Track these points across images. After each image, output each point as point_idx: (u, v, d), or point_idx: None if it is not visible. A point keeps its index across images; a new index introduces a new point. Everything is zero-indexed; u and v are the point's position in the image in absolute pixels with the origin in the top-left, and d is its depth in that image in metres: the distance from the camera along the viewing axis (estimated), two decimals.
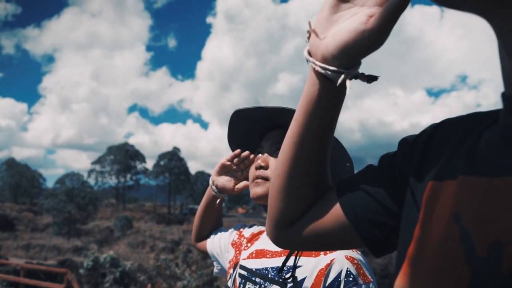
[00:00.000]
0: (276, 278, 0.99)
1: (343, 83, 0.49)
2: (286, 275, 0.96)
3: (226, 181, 1.21)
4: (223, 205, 1.34)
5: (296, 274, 0.95)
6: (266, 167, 1.08)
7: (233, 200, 57.57)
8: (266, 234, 0.71)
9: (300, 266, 0.96)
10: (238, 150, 1.18)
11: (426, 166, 0.46)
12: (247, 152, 1.17)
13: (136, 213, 44.44)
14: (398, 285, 0.42)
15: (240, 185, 1.20)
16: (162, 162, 53.00)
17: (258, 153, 1.14)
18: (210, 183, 1.26)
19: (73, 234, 34.15)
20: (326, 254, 0.95)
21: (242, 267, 1.11)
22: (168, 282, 13.96)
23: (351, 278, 0.89)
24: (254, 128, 1.15)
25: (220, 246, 1.31)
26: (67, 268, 14.21)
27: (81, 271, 16.47)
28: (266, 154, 1.10)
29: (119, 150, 51.22)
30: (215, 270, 1.38)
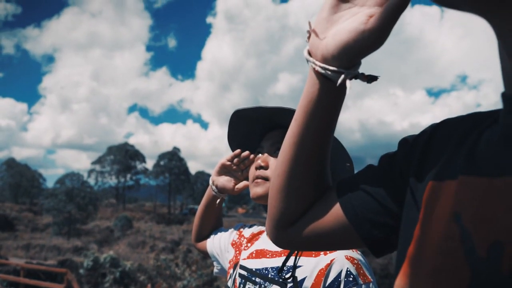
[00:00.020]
0: (276, 278, 0.99)
1: (343, 83, 0.49)
2: (286, 275, 0.96)
3: (226, 181, 1.21)
4: (223, 205, 1.34)
5: (296, 274, 0.95)
6: (266, 167, 1.08)
7: (233, 200, 57.57)
8: (266, 234, 0.71)
9: (300, 266, 0.96)
10: (238, 150, 1.18)
11: (426, 166, 0.46)
12: (247, 152, 1.17)
13: (136, 213, 44.45)
14: (398, 285, 0.42)
15: (240, 185, 1.20)
16: (162, 162, 53.02)
17: (258, 153, 1.14)
18: (210, 183, 1.26)
19: (73, 234, 34.15)
20: (326, 254, 0.95)
21: (242, 267, 1.11)
22: (168, 282, 13.96)
23: (351, 278, 0.89)
24: (254, 128, 1.15)
25: (220, 246, 1.31)
26: (67, 268, 14.21)
27: (81, 271, 16.48)
28: (266, 154, 1.10)
29: (119, 150, 51.23)
30: (215, 270, 1.38)
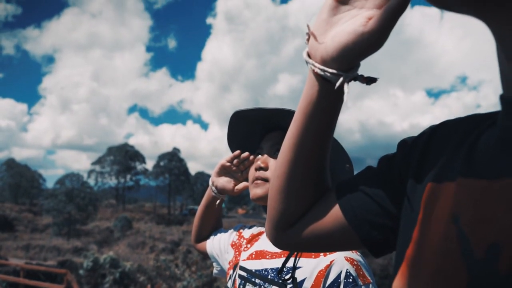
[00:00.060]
0: (275, 279, 0.99)
1: (342, 86, 0.49)
2: (286, 276, 0.96)
3: (225, 182, 1.22)
4: (223, 205, 1.34)
5: (295, 275, 0.95)
6: (265, 168, 1.08)
7: (233, 200, 57.56)
8: (266, 235, 0.72)
9: (299, 267, 0.96)
10: (237, 151, 1.18)
11: (425, 167, 0.46)
12: (247, 153, 1.17)
13: (136, 213, 44.44)
14: (396, 286, 0.42)
15: (239, 186, 1.20)
16: (162, 163, 53.00)
17: (257, 154, 1.14)
18: (210, 184, 1.26)
19: (73, 235, 34.15)
20: (325, 255, 0.95)
21: (242, 268, 1.12)
22: (168, 283, 13.96)
23: (351, 279, 0.89)
24: (253, 129, 1.16)
25: (219, 247, 1.31)
26: (67, 268, 14.20)
27: (81, 272, 16.48)
28: (265, 155, 1.10)
29: (119, 151, 51.22)
30: (215, 271, 1.38)
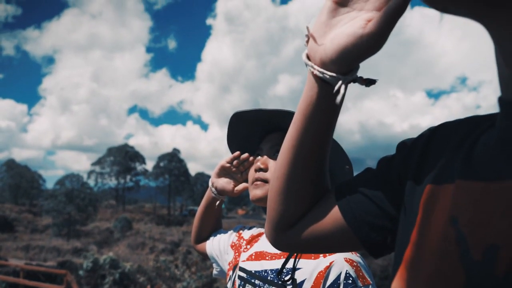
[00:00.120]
0: (275, 280, 0.99)
1: (341, 91, 0.49)
2: (286, 277, 0.96)
3: (225, 183, 1.22)
4: (223, 206, 1.34)
5: (295, 277, 0.95)
6: (265, 169, 1.08)
7: (233, 201, 57.52)
8: (265, 236, 0.72)
9: (299, 268, 0.96)
10: (237, 152, 1.18)
11: (424, 169, 0.46)
12: (247, 154, 1.17)
13: (135, 214, 44.42)
14: (394, 287, 0.42)
15: (239, 187, 1.20)
16: (162, 164, 52.99)
17: (257, 155, 1.14)
18: (210, 185, 1.26)
19: (72, 235, 34.13)
20: (325, 256, 0.95)
21: (242, 269, 1.12)
22: (167, 284, 13.95)
23: (350, 281, 0.89)
24: (253, 130, 1.16)
25: (219, 248, 1.31)
26: (67, 269, 14.19)
27: (80, 273, 16.46)
28: (265, 157, 1.10)
29: (119, 152, 51.21)
30: (215, 271, 1.38)
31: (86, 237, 34.46)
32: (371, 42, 0.45)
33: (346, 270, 0.90)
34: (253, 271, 1.07)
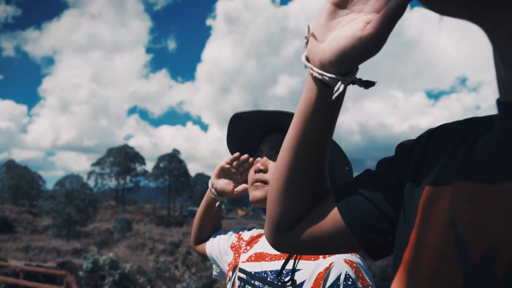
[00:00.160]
0: (275, 282, 0.99)
1: (339, 90, 0.49)
2: (285, 279, 0.96)
3: (225, 184, 1.22)
4: (223, 207, 1.34)
5: (295, 278, 0.95)
6: (265, 171, 1.08)
7: (232, 202, 57.50)
8: (265, 237, 0.72)
9: (299, 269, 0.96)
10: (237, 153, 1.18)
11: (423, 171, 0.47)
12: (246, 155, 1.17)
13: (135, 215, 44.39)
14: None
15: (239, 188, 1.20)
16: (161, 164, 52.97)
17: (257, 156, 1.14)
18: (210, 186, 1.26)
19: (72, 236, 34.09)
20: (325, 257, 0.95)
21: (241, 270, 1.12)
22: (167, 284, 13.94)
23: (350, 282, 0.89)
24: (253, 131, 1.16)
25: (219, 249, 1.31)
26: (67, 270, 14.17)
27: (80, 273, 16.43)
28: (265, 158, 1.10)
29: (119, 152, 51.18)
30: (214, 272, 1.38)
31: (86, 238, 34.43)
32: (370, 44, 0.45)
33: (346, 271, 0.90)
34: (252, 272, 1.07)
